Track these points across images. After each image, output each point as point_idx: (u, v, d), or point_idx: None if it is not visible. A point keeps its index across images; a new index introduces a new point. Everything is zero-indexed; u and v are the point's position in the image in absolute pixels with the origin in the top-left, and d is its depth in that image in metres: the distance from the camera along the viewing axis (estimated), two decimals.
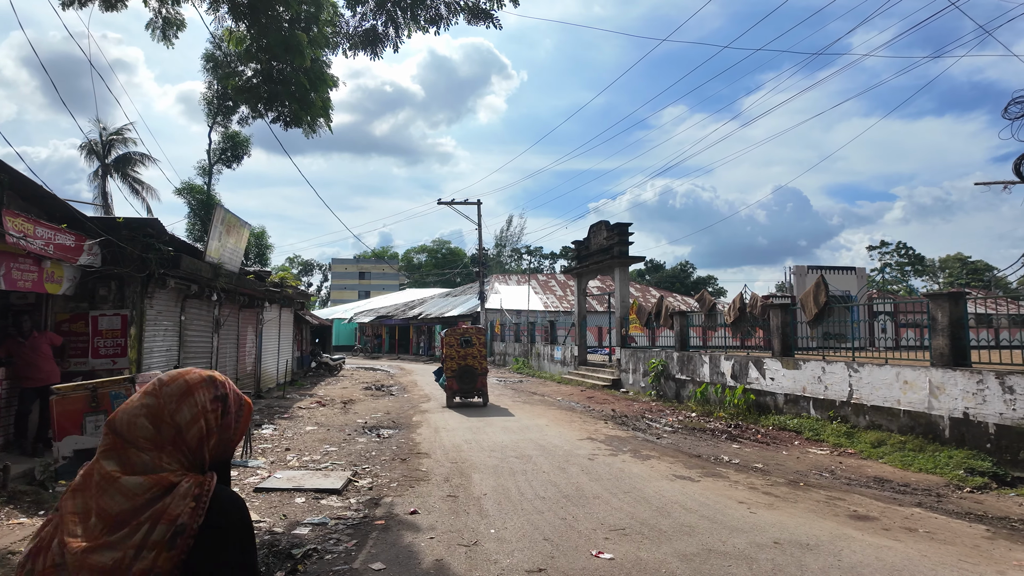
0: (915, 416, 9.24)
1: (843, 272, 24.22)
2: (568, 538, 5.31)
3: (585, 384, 20.56)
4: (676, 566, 4.66)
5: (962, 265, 65.44)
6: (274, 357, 19.14)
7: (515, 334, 32.11)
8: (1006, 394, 7.96)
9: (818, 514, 6.14)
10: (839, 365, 10.76)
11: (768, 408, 12.50)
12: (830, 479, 7.82)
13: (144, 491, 1.17)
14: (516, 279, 48.29)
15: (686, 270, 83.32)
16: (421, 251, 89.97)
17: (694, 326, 17.41)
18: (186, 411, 1.24)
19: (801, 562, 4.76)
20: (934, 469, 8.03)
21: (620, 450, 9.50)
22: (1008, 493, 7.10)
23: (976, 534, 5.61)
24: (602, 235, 22.11)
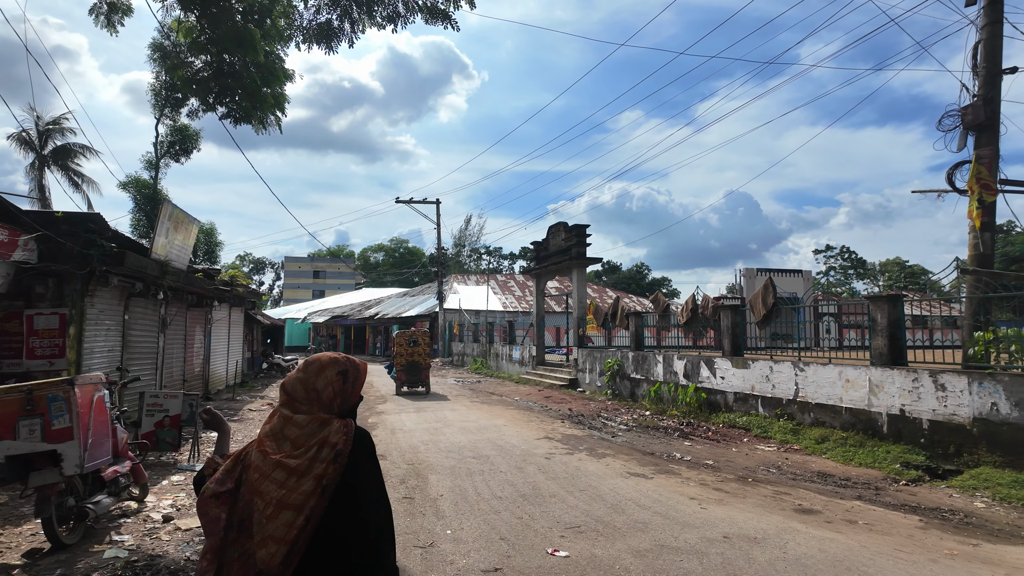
0: (856, 413, 9.66)
1: (790, 275, 25.11)
2: (524, 537, 5.34)
3: (543, 384, 20.70)
4: (630, 562, 4.75)
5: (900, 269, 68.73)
6: (223, 358, 18.57)
7: (474, 334, 32.06)
8: (939, 391, 8.41)
9: (766, 508, 6.35)
10: (786, 364, 11.15)
11: (719, 406, 12.85)
12: (777, 475, 8.09)
13: (308, 424, 1.84)
14: (475, 279, 48.22)
15: (642, 271, 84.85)
16: (378, 250, 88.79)
17: (649, 326, 17.76)
18: (321, 381, 1.90)
19: (749, 555, 4.91)
20: (873, 463, 8.41)
21: (576, 449, 9.60)
22: (939, 485, 7.50)
23: (911, 525, 5.90)
24: (560, 236, 22.31)
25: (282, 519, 1.76)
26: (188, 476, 7.63)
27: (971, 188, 9.54)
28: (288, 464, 1.80)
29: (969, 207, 9.60)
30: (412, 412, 14.05)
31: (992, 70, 9.78)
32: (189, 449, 8.69)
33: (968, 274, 9.68)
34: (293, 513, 1.77)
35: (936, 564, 4.79)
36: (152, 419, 8.44)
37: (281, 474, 1.79)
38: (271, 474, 1.81)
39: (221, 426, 2.30)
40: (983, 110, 9.65)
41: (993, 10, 9.80)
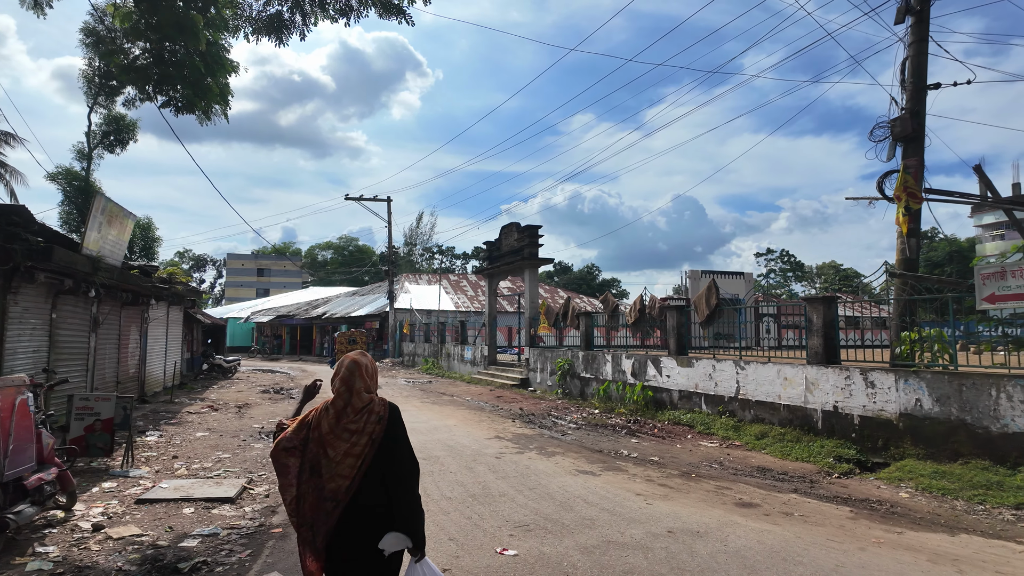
0: (793, 410, 10.09)
1: (733, 276, 25.96)
2: (473, 537, 5.33)
3: (494, 384, 20.72)
4: (577, 559, 4.82)
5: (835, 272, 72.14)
6: (161, 359, 17.79)
7: (425, 334, 31.79)
8: (868, 388, 8.88)
9: (708, 503, 6.56)
10: (728, 363, 11.54)
11: (664, 404, 13.18)
12: (719, 470, 8.36)
13: (366, 400, 2.79)
14: (427, 279, 47.82)
15: (592, 272, 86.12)
16: (327, 248, 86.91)
17: (598, 326, 18.04)
18: (369, 371, 2.87)
19: (692, 549, 5.06)
20: (809, 458, 8.80)
21: (527, 448, 9.66)
22: (869, 477, 7.92)
23: (842, 515, 6.21)
24: (513, 236, 22.39)
25: (347, 463, 2.70)
26: (121, 482, 7.28)
27: (899, 196, 10.11)
28: (351, 428, 2.74)
29: (897, 214, 10.17)
30: None
31: (918, 85, 10.38)
32: (123, 454, 8.28)
33: (896, 277, 10.26)
34: (354, 459, 2.71)
35: (864, 552, 5.05)
36: (82, 423, 8.00)
37: (347, 435, 2.73)
38: (340, 435, 2.73)
39: (310, 398, 3.25)
40: (910, 123, 10.23)
41: (919, 29, 10.41)
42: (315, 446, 2.77)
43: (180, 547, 5.15)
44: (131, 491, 6.94)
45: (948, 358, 8.54)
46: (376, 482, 2.74)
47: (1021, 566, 4.79)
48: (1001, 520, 6.07)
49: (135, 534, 5.46)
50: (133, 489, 7.03)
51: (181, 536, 5.43)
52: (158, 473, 7.86)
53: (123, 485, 7.19)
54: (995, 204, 10.77)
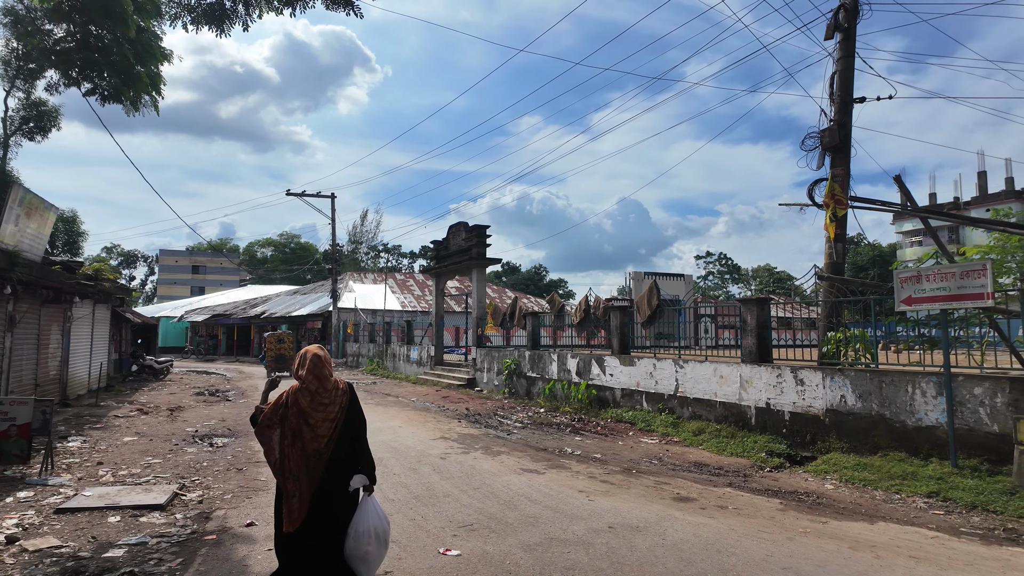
0: (729, 407, 10.48)
1: (674, 278, 26.75)
2: (416, 538, 5.30)
3: (441, 384, 20.60)
4: (520, 557, 4.86)
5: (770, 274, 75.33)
6: (85, 360, 16.81)
7: (370, 334, 31.26)
8: (798, 386, 9.33)
9: (648, 498, 6.73)
10: (668, 362, 11.88)
11: (608, 402, 13.44)
12: (658, 466, 8.60)
13: (332, 381, 3.76)
14: (372, 278, 47.04)
15: (540, 273, 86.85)
16: (267, 245, 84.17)
17: (545, 326, 18.22)
18: (327, 357, 3.82)
19: (632, 543, 5.19)
20: (743, 453, 9.16)
21: (472, 448, 9.66)
22: (798, 471, 8.31)
23: (773, 507, 6.50)
24: (461, 236, 22.31)
25: (325, 427, 3.67)
26: (39, 491, 6.84)
27: (827, 203, 10.66)
28: (324, 402, 3.70)
29: (825, 220, 10.73)
30: None
31: (845, 98, 10.98)
32: (41, 461, 7.78)
33: (824, 280, 10.82)
34: (330, 423, 3.69)
35: (792, 542, 5.31)
36: None
37: (322, 407, 3.68)
38: (318, 408, 3.67)
39: (273, 388, 4.20)
40: (838, 134, 10.81)
41: (846, 45, 11.02)
42: (295, 419, 3.67)
43: (104, 558, 4.88)
44: (50, 500, 6.53)
45: (870, 357, 9.08)
46: (346, 440, 3.76)
47: (931, 550, 5.15)
48: (915, 508, 6.50)
49: (54, 546, 5.14)
50: (52, 498, 6.62)
51: (105, 546, 5.16)
52: (81, 481, 7.42)
53: (41, 494, 6.76)
54: (913, 213, 11.50)
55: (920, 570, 4.66)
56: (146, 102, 7.86)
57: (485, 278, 22.19)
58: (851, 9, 10.90)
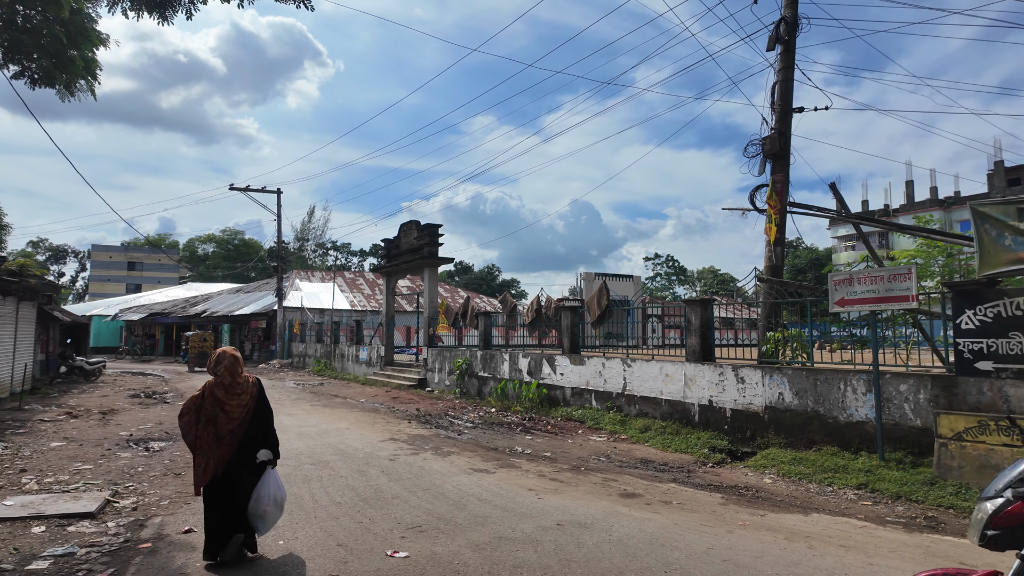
0: (674, 404, 10.77)
1: (623, 279, 27.26)
2: (364, 541, 5.22)
3: (391, 385, 20.34)
4: (469, 557, 4.86)
5: (714, 276, 77.73)
6: (8, 360, 15.79)
7: (317, 334, 30.54)
8: (739, 384, 9.67)
9: (595, 495, 6.85)
10: (616, 361, 12.11)
11: (558, 401, 13.59)
12: (606, 463, 8.76)
13: (243, 376, 4.93)
14: (320, 276, 46.01)
15: (493, 273, 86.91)
16: (208, 241, 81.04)
17: (497, 326, 18.26)
18: (240, 357, 4.98)
19: (579, 540, 5.27)
20: (687, 449, 9.44)
21: (422, 449, 9.59)
22: (738, 466, 8.62)
23: (714, 502, 6.72)
24: (413, 235, 22.10)
25: (238, 413, 4.73)
26: None
27: (767, 208, 11.09)
28: (238, 392, 4.77)
29: (765, 224, 11.16)
30: None
31: (785, 108, 11.46)
32: None
33: (763, 282, 11.26)
34: (243, 409, 4.76)
35: (732, 534, 5.50)
36: None
37: (236, 397, 4.74)
38: (232, 398, 4.73)
39: None
40: (778, 141, 11.27)
41: (787, 57, 11.50)
42: (211, 407, 4.73)
43: (27, 570, 4.61)
44: None
45: (806, 356, 9.50)
46: (257, 423, 4.89)
47: (860, 539, 5.44)
48: (846, 499, 6.85)
49: None
50: None
51: (29, 558, 4.87)
52: (2, 489, 6.98)
53: None
54: (846, 219, 12.11)
55: (849, 558, 4.91)
56: (81, 87, 7.47)
57: (437, 277, 22.04)
58: (791, 22, 11.38)
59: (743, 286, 46.77)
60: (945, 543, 5.35)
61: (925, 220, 17.41)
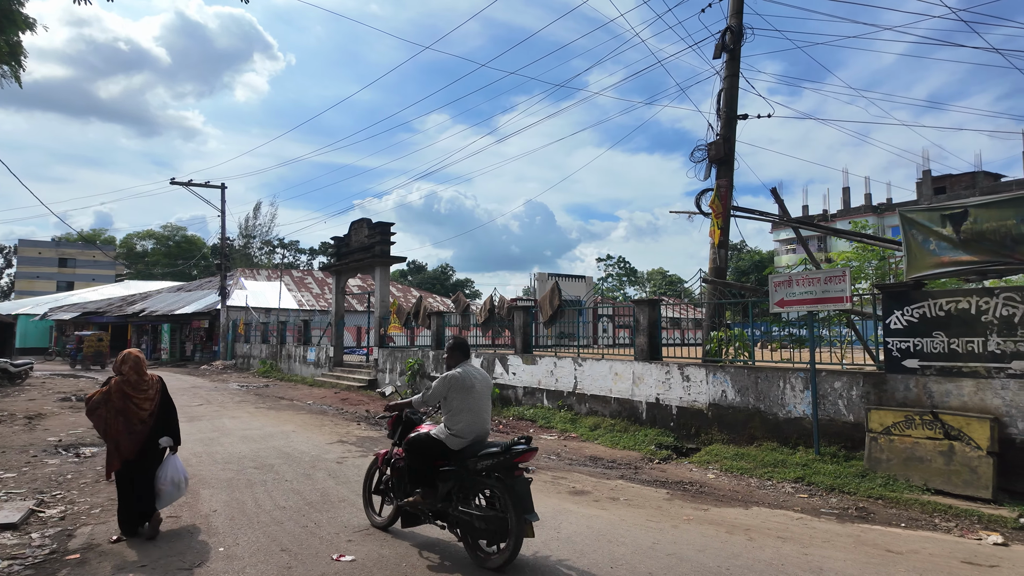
0: (623, 402, 10.96)
1: (575, 280, 27.58)
2: (309, 546, 5.10)
3: (340, 386, 19.95)
4: (416, 559, 4.81)
5: (662, 277, 79.54)
6: None
7: (263, 335, 29.65)
8: (685, 382, 9.92)
9: (545, 493, 6.90)
10: (568, 360, 12.24)
11: (510, 400, 13.62)
12: (557, 461, 8.83)
13: (149, 375, 5.73)
14: (267, 274, 44.74)
15: (447, 272, 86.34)
16: (148, 237, 77.54)
17: (451, 326, 18.15)
18: (143, 357, 5.80)
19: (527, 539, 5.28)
20: (634, 446, 9.62)
21: (371, 451, 9.44)
22: (683, 462, 8.85)
23: (660, 497, 6.87)
24: (364, 233, 21.73)
25: (147, 406, 5.53)
26: None
27: (712, 212, 11.43)
28: (144, 387, 5.57)
29: (710, 227, 11.49)
30: (183, 422, 12.52)
31: (730, 114, 11.82)
32: None
33: (708, 283, 11.59)
34: (151, 402, 5.58)
35: (676, 529, 5.64)
36: None
37: (143, 392, 5.53)
38: (140, 393, 5.50)
39: None
40: (723, 147, 11.62)
41: (732, 65, 11.86)
42: (119, 401, 5.41)
43: None
44: None
45: (747, 355, 9.83)
46: (161, 415, 5.67)
47: (796, 530, 5.67)
48: (784, 493, 7.12)
49: None
50: None
51: None
52: None
53: None
54: (786, 223, 12.60)
55: (786, 549, 5.11)
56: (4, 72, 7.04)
57: (389, 276, 21.75)
58: (736, 32, 11.75)
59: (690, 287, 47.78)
60: (874, 532, 5.64)
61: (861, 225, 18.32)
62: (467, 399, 4.95)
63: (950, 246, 7.41)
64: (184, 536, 5.39)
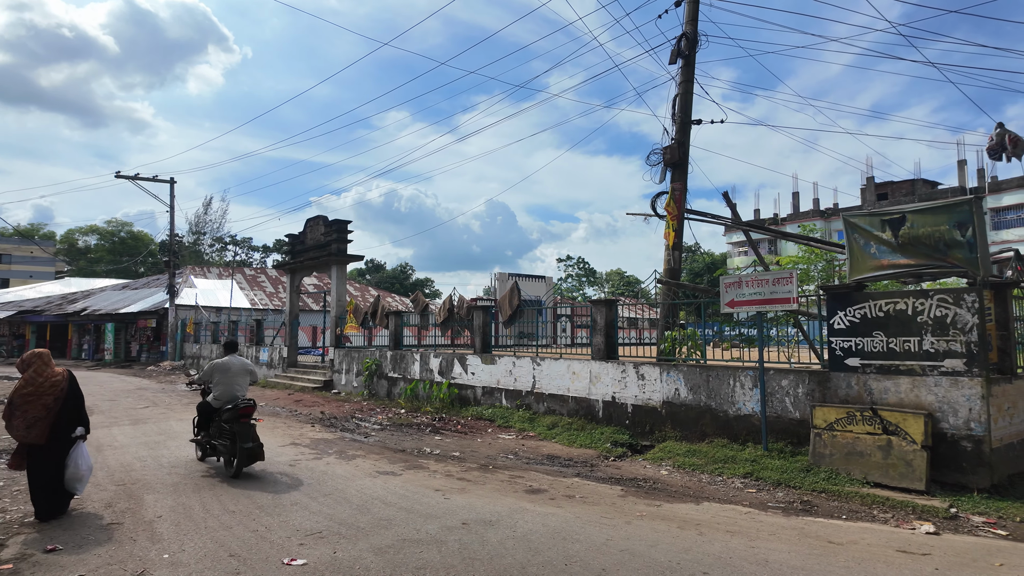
0: (580, 401, 11.09)
1: (535, 280, 27.73)
2: (258, 550, 4.98)
3: (294, 387, 19.52)
4: (371, 560, 4.76)
5: (620, 278, 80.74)
6: None
7: (213, 334, 28.74)
8: (640, 380, 10.10)
9: (502, 492, 6.92)
10: (527, 360, 12.29)
11: (469, 400, 13.60)
12: (514, 460, 8.87)
13: (56, 370, 6.18)
14: (218, 272, 43.40)
15: (406, 271, 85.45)
16: (91, 232, 74.17)
17: (409, 325, 17.99)
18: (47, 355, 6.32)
19: (483, 538, 5.30)
20: (591, 444, 9.73)
21: (325, 453, 9.28)
22: (638, 459, 9.00)
23: (614, 494, 6.98)
24: (320, 230, 21.32)
25: (51, 400, 5.93)
26: None
27: (667, 214, 11.67)
28: (53, 381, 6.02)
29: (665, 230, 11.73)
30: (127, 425, 12.07)
31: (685, 119, 12.09)
32: None
33: (663, 284, 11.83)
34: (54, 398, 5.95)
35: (629, 525, 5.74)
36: None
37: (51, 387, 5.97)
38: (46, 389, 5.93)
39: None
40: (678, 151, 11.87)
41: (687, 71, 12.14)
42: (22, 399, 5.84)
43: None
44: None
45: (699, 354, 10.07)
46: (71, 407, 6.06)
47: (744, 524, 5.84)
48: (733, 488, 7.33)
49: None
50: None
51: None
52: None
53: None
54: (736, 226, 12.97)
55: (734, 543, 5.26)
56: None
57: (346, 275, 21.39)
58: (692, 39, 12.03)
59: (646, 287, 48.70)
60: (817, 524, 5.86)
61: (809, 229, 19.05)
62: (224, 377, 8.02)
63: (889, 250, 7.77)
64: (126, 543, 5.18)
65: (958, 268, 7.30)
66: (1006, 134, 13.79)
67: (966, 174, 44.26)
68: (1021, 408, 7.39)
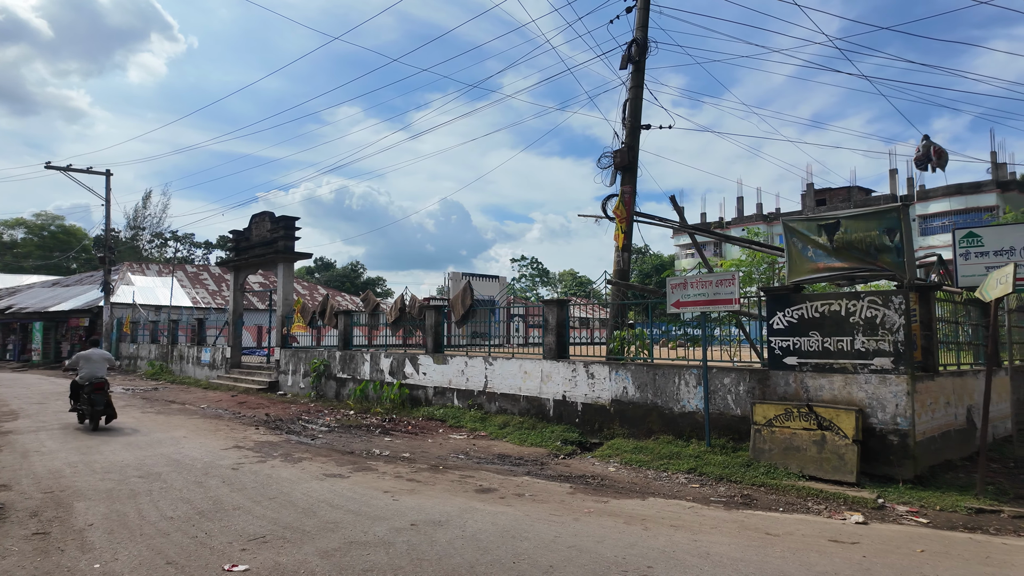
0: (531, 400, 11.17)
1: (489, 279, 27.72)
2: (198, 557, 4.81)
3: (238, 389, 18.92)
4: (316, 564, 4.67)
5: (573, 278, 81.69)
6: None
7: (152, 334, 27.57)
8: (590, 379, 10.26)
9: (451, 492, 6.90)
10: (479, 359, 12.30)
11: (420, 401, 13.50)
12: (465, 460, 8.86)
13: None
14: (157, 269, 41.61)
15: (357, 270, 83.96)
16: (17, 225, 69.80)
17: (359, 325, 17.69)
18: None
19: (433, 538, 5.28)
20: (541, 443, 9.82)
21: (270, 456, 9.04)
22: (587, 456, 9.14)
23: (563, 492, 7.07)
24: (266, 227, 20.73)
25: None
26: None
27: (616, 216, 11.89)
28: None
29: (615, 232, 11.95)
30: (57, 429, 11.44)
31: (635, 124, 12.34)
32: None
33: (612, 285, 12.05)
34: None
35: (578, 522, 5.83)
36: None
37: None
38: None
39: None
40: (628, 155, 12.11)
41: (637, 76, 12.40)
42: None
43: None
44: None
45: (647, 353, 10.31)
46: None
47: (687, 518, 6.02)
48: (678, 483, 7.53)
49: None
50: None
51: None
52: None
53: None
54: (683, 229, 13.33)
55: (678, 536, 5.42)
56: None
57: (293, 273, 20.87)
58: (642, 45, 12.29)
59: (597, 288, 49.46)
60: (756, 517, 6.10)
61: (753, 232, 19.74)
62: (87, 364, 11.36)
63: (825, 253, 8.15)
64: (54, 554, 4.92)
65: (887, 272, 7.73)
66: (931, 146, 14.65)
67: (897, 183, 46.79)
68: (942, 404, 7.89)
